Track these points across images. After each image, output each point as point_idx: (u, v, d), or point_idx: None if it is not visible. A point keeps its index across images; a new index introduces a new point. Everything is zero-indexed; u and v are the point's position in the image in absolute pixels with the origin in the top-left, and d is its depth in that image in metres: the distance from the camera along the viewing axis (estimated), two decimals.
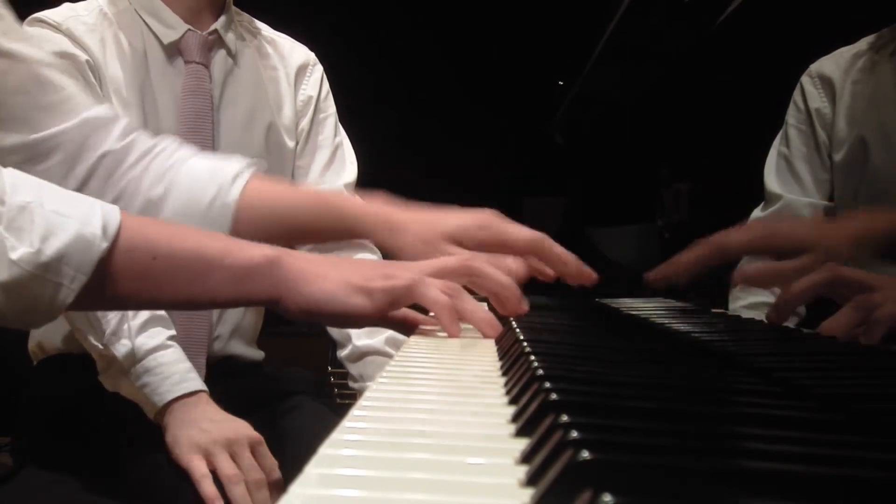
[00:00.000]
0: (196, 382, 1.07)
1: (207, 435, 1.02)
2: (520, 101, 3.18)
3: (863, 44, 1.32)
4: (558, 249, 0.87)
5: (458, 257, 0.79)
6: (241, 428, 1.05)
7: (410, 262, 0.78)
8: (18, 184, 0.65)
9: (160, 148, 0.94)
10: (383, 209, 0.92)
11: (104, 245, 0.65)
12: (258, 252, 0.71)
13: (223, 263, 0.70)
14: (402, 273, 0.72)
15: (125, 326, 1.06)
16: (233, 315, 1.28)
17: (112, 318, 1.06)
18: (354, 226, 0.94)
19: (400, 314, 0.76)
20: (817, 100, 1.33)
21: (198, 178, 0.92)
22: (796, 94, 1.37)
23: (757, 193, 1.39)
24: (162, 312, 1.10)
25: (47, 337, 1.22)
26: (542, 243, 0.86)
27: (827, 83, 1.32)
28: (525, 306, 0.77)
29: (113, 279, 0.67)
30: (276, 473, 1.04)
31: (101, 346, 1.07)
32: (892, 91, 1.24)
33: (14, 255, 0.62)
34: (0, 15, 0.87)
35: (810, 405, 0.43)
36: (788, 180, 1.35)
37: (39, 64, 0.89)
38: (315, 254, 0.75)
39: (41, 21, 1.15)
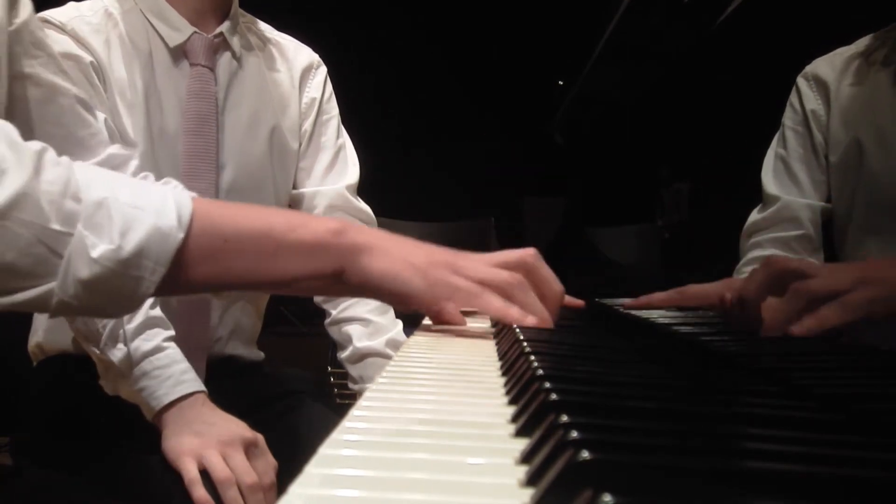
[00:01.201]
0: (192, 384, 1.06)
1: (201, 438, 1.02)
2: (520, 101, 3.18)
3: (857, 46, 1.32)
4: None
5: (519, 252, 0.76)
6: (235, 429, 1.04)
7: (474, 254, 0.76)
8: (91, 179, 0.65)
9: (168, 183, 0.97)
10: None
11: (180, 236, 0.65)
12: (322, 225, 0.71)
13: (289, 239, 0.70)
14: (467, 269, 0.71)
15: (120, 331, 1.05)
16: (232, 316, 1.28)
17: (108, 322, 1.06)
18: None
19: (449, 315, 0.74)
20: (812, 101, 1.33)
21: None
22: (792, 96, 1.37)
23: (757, 193, 1.39)
24: (158, 313, 1.10)
25: (47, 337, 1.22)
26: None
27: (821, 84, 1.32)
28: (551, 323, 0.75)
29: (188, 266, 0.67)
30: (270, 476, 1.04)
31: (98, 351, 1.07)
32: (886, 96, 1.24)
33: (95, 254, 0.62)
34: (41, 45, 0.90)
35: (810, 405, 0.43)
36: (786, 182, 1.34)
37: (74, 99, 0.92)
38: (380, 229, 0.74)
39: (45, 21, 1.15)
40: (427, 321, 0.79)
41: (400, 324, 1.34)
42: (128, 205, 0.65)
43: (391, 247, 0.71)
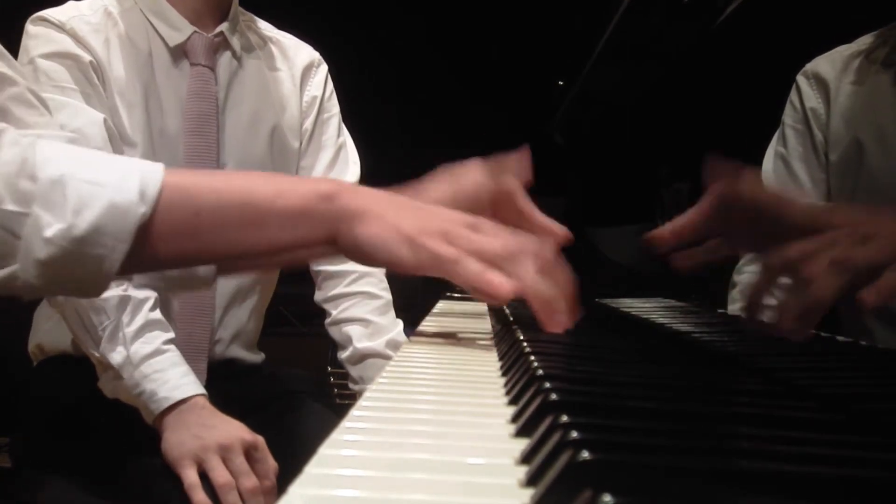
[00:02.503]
0: (192, 387, 1.06)
1: (200, 441, 1.02)
2: (520, 101, 3.18)
3: (858, 45, 1.31)
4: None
5: (529, 243, 0.69)
6: (235, 432, 1.04)
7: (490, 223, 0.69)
8: (52, 157, 0.63)
9: None
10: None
11: (142, 210, 0.62)
12: (311, 189, 0.66)
13: (275, 207, 0.65)
14: (460, 238, 0.66)
15: (120, 334, 1.05)
16: (234, 320, 1.27)
17: (107, 325, 1.05)
18: None
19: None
20: (812, 99, 1.33)
21: None
22: (792, 94, 1.36)
23: None
24: (158, 316, 1.09)
25: (47, 338, 1.22)
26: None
27: (821, 83, 1.32)
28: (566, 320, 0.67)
29: (157, 242, 0.64)
30: (270, 479, 1.04)
31: (97, 354, 1.07)
32: (887, 95, 1.24)
33: (48, 233, 0.61)
34: None
35: (810, 405, 0.43)
36: (786, 181, 1.34)
37: (25, 88, 0.87)
38: (379, 190, 0.70)
39: (45, 20, 1.15)
40: (425, 324, 0.79)
41: (400, 324, 1.34)
42: (86, 181, 0.62)
43: (385, 211, 0.66)
